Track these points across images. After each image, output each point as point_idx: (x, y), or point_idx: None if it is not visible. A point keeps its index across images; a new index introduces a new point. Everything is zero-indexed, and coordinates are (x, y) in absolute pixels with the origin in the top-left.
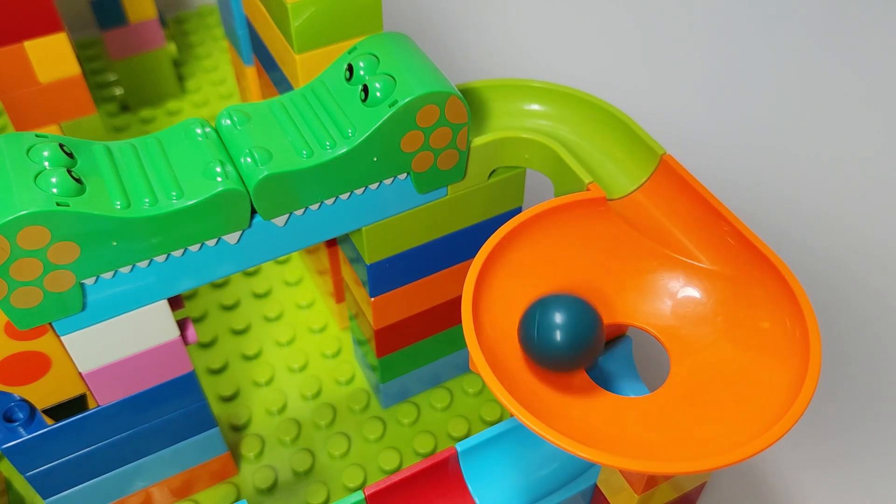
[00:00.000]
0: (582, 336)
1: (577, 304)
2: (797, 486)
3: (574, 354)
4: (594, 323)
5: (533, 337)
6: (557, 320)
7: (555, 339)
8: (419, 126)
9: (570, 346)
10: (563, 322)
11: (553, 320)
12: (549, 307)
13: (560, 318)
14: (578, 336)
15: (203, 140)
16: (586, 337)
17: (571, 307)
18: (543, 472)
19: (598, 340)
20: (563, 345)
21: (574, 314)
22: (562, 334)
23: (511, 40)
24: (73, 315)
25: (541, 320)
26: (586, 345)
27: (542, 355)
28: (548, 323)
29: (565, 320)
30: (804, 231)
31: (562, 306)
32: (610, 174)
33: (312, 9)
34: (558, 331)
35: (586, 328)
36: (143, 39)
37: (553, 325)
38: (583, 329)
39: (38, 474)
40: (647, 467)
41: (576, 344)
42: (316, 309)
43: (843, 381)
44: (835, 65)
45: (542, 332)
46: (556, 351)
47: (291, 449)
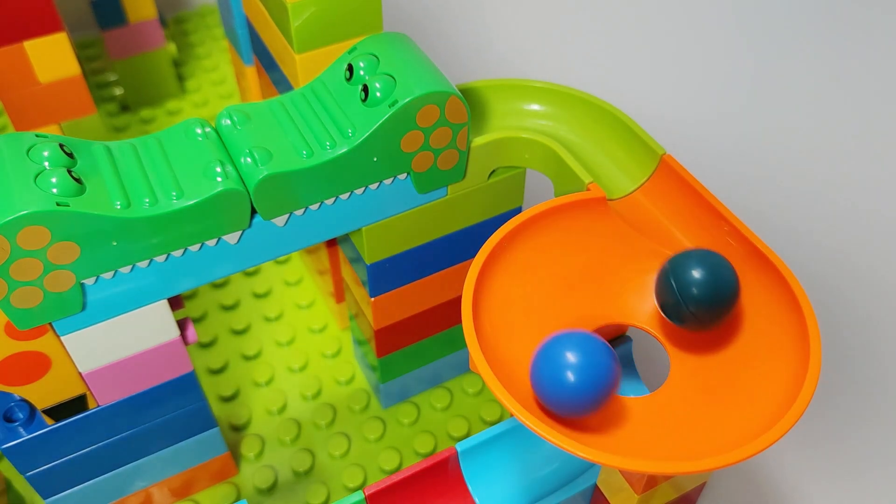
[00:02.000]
0: (599, 396)
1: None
2: (797, 485)
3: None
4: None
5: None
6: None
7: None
8: (419, 126)
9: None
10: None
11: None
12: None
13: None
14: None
15: (203, 140)
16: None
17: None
18: (543, 472)
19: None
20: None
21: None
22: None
23: (510, 40)
24: (73, 315)
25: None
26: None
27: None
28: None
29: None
30: (804, 231)
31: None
32: (610, 174)
33: (312, 9)
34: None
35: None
36: (143, 39)
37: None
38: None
39: (38, 474)
40: (647, 467)
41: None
42: (316, 309)
43: (843, 380)
44: (835, 64)
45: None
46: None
47: (291, 449)
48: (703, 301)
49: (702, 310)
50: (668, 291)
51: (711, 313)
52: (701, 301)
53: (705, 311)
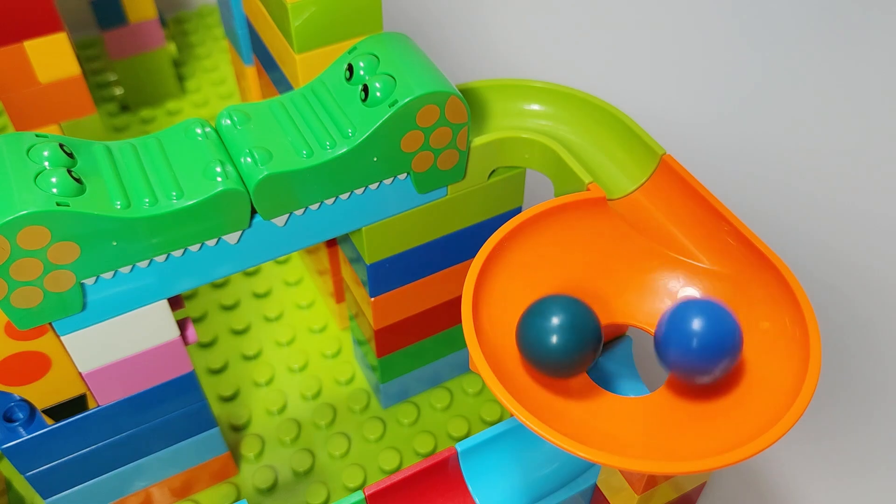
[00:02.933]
0: (579, 339)
1: (572, 306)
2: (797, 485)
3: (571, 358)
4: (591, 324)
5: (530, 343)
6: (553, 323)
7: (550, 343)
8: (419, 126)
9: (567, 350)
10: (558, 325)
11: (548, 324)
12: (544, 311)
13: (555, 322)
14: (575, 339)
15: (203, 140)
16: (584, 339)
17: (567, 309)
18: (543, 472)
19: (595, 341)
20: (559, 349)
21: (570, 316)
22: (558, 338)
23: (511, 40)
24: (73, 315)
25: (536, 325)
26: (584, 347)
27: (540, 361)
28: (543, 328)
29: (561, 323)
30: (804, 231)
31: (556, 309)
32: (610, 174)
33: (312, 9)
34: (554, 335)
35: (584, 330)
36: (143, 39)
37: (548, 329)
38: (580, 331)
39: (38, 474)
40: (647, 467)
41: (572, 347)
42: (316, 309)
43: (843, 380)
44: (836, 64)
45: (538, 338)
46: (554, 356)
47: (291, 449)
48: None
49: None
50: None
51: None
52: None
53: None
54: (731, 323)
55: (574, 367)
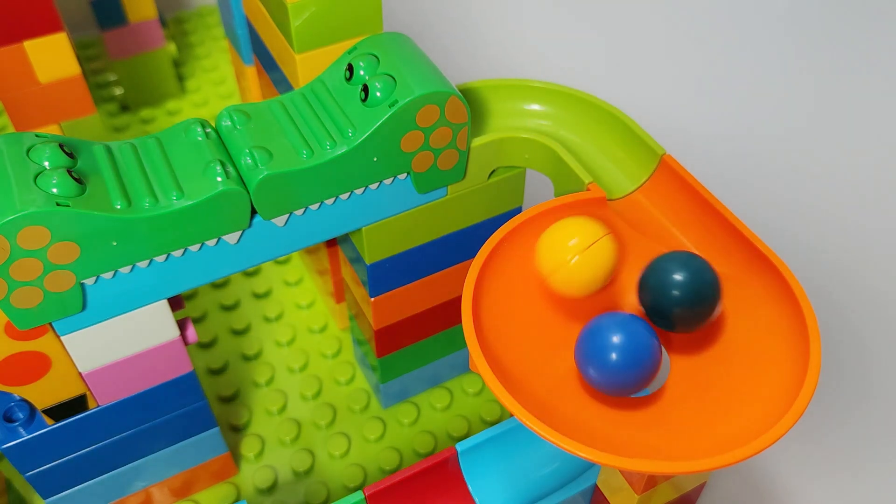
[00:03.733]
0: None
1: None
2: (797, 485)
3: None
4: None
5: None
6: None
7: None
8: (419, 126)
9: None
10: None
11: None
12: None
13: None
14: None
15: (203, 140)
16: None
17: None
18: (543, 472)
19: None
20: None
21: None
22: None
23: (511, 40)
24: (73, 315)
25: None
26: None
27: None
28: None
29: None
30: (804, 231)
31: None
32: (610, 174)
33: (312, 9)
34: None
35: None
36: (143, 39)
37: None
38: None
39: (38, 474)
40: (647, 467)
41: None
42: (316, 309)
43: (843, 380)
44: (835, 65)
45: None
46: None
47: (291, 449)
48: (685, 302)
49: (685, 311)
50: (651, 294)
51: (694, 314)
52: (683, 302)
53: (688, 312)
54: (644, 336)
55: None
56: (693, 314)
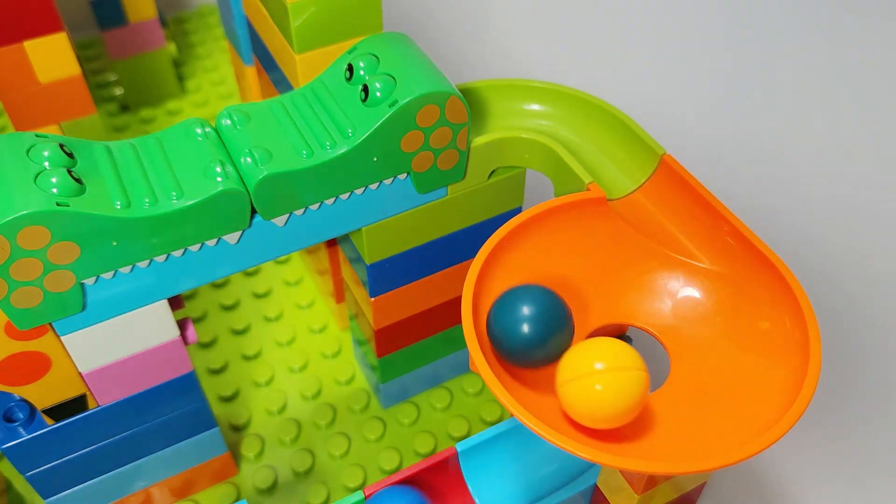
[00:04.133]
0: (547, 327)
1: (539, 296)
2: (797, 485)
3: (542, 348)
4: (559, 313)
5: (495, 334)
6: (522, 314)
7: (521, 334)
8: (419, 126)
9: (533, 341)
10: (527, 316)
11: (513, 315)
12: (508, 304)
13: (525, 312)
14: (544, 328)
15: (203, 140)
16: (551, 328)
17: (534, 299)
18: (543, 472)
19: (564, 331)
20: (525, 339)
21: (537, 306)
22: (529, 328)
23: (511, 40)
24: (73, 315)
25: (501, 316)
26: (552, 335)
27: (509, 351)
28: (509, 319)
29: (530, 314)
30: (804, 231)
31: (520, 300)
32: (610, 174)
33: (312, 9)
34: (524, 324)
35: (550, 318)
36: (143, 39)
37: (513, 320)
38: (546, 320)
39: (38, 474)
40: (647, 467)
41: (541, 337)
42: (316, 309)
43: (843, 380)
44: (835, 66)
45: (504, 329)
46: (520, 346)
47: (291, 449)
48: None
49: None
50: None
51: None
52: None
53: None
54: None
55: (541, 357)
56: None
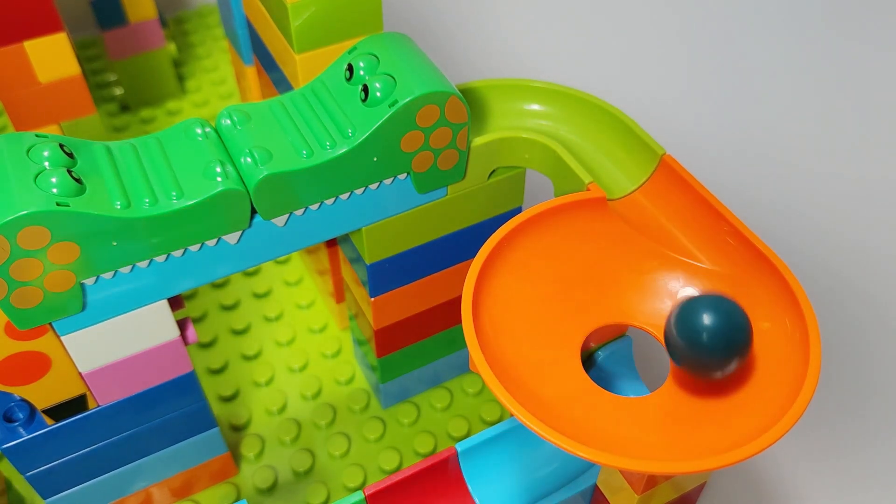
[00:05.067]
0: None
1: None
2: (797, 486)
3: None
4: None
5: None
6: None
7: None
8: (419, 126)
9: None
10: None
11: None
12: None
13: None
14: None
15: (203, 140)
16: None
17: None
18: (543, 472)
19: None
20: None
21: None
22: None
23: (511, 40)
24: (73, 315)
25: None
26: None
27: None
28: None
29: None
30: (805, 231)
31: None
32: (610, 174)
33: (312, 9)
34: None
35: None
36: (143, 39)
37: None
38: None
39: (38, 474)
40: (647, 467)
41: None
42: (316, 309)
43: (843, 380)
44: (837, 65)
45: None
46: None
47: (291, 449)
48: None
49: (714, 358)
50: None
51: (723, 361)
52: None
53: (717, 359)
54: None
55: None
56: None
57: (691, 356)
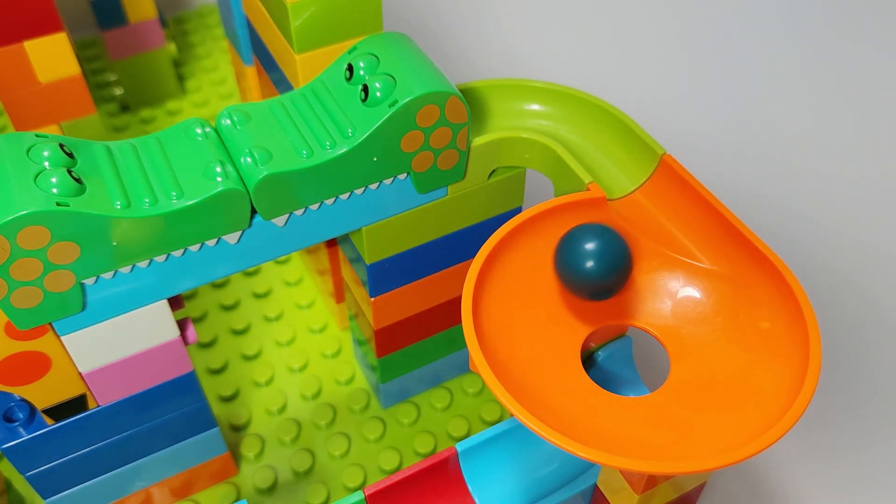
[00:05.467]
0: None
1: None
2: (797, 485)
3: (607, 278)
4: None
5: (570, 264)
6: (588, 247)
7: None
8: (419, 126)
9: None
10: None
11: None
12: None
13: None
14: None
15: (203, 140)
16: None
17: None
18: (543, 472)
19: (627, 266)
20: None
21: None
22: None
23: (511, 40)
24: (73, 315)
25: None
26: (619, 269)
27: (579, 279)
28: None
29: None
30: (804, 230)
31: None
32: (610, 174)
33: (312, 9)
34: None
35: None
36: (143, 39)
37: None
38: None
39: (38, 474)
40: (647, 467)
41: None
42: (316, 309)
43: (843, 380)
44: (837, 65)
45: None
46: (590, 275)
47: (291, 449)
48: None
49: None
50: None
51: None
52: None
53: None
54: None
55: (608, 287)
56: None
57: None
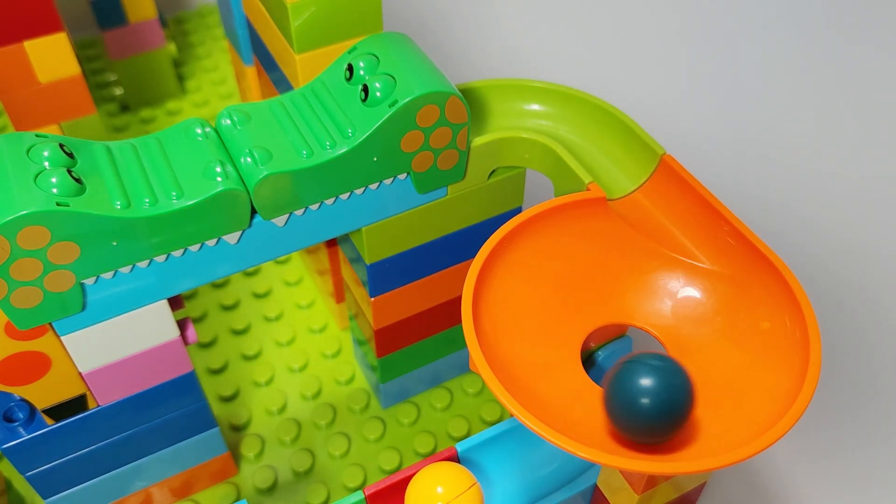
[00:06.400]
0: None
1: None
2: (797, 486)
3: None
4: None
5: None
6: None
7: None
8: (419, 126)
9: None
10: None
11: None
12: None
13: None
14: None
15: (203, 140)
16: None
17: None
18: (543, 472)
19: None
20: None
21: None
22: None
23: (511, 40)
24: (73, 315)
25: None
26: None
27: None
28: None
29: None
30: (804, 231)
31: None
32: (610, 174)
33: (312, 9)
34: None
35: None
36: (143, 39)
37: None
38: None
39: (38, 474)
40: (647, 467)
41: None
42: (316, 309)
43: (843, 380)
44: (837, 65)
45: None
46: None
47: (291, 449)
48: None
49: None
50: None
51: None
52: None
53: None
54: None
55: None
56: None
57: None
